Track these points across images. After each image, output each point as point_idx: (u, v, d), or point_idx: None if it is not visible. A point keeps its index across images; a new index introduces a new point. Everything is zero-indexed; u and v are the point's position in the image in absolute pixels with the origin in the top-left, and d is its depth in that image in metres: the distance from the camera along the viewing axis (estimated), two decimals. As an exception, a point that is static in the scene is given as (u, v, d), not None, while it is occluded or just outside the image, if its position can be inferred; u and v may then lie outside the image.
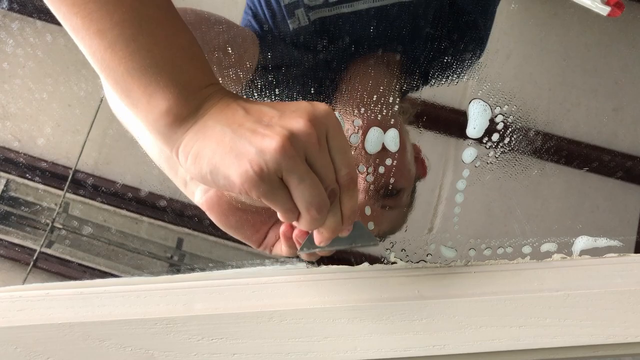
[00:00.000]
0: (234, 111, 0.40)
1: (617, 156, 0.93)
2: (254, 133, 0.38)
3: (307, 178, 0.38)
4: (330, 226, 0.42)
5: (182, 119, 0.40)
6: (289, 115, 0.38)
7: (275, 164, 0.37)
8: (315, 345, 0.47)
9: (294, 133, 0.37)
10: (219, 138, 0.38)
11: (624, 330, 0.47)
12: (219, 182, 0.39)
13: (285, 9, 0.67)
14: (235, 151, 0.37)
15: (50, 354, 0.47)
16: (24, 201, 1.27)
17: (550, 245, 0.55)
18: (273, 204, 0.39)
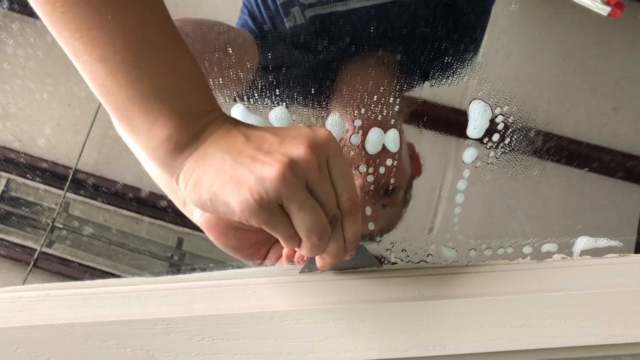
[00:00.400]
0: (235, 138, 0.39)
1: (617, 156, 0.93)
2: (254, 160, 0.37)
3: (308, 205, 0.38)
4: (333, 252, 0.42)
5: (183, 146, 0.39)
6: (289, 142, 0.38)
7: (275, 192, 0.36)
8: (316, 345, 0.47)
9: (294, 160, 0.37)
10: (219, 165, 0.38)
11: (624, 330, 0.47)
12: (219, 210, 0.39)
13: (281, 7, 0.67)
14: (235, 179, 0.37)
15: (51, 355, 0.47)
16: (24, 201, 1.27)
17: (550, 245, 0.55)
18: (274, 231, 0.39)
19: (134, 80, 0.38)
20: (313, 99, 0.66)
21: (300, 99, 0.66)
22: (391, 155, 0.63)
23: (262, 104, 0.65)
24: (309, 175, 0.38)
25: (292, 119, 0.63)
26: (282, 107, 0.63)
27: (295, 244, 0.40)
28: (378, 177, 0.63)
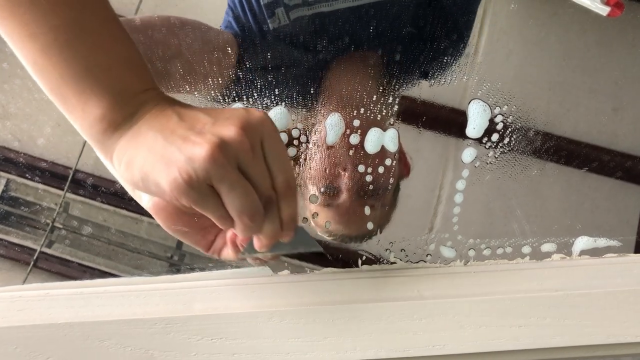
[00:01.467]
0: (168, 117, 0.40)
1: (617, 156, 0.93)
2: (185, 140, 0.37)
3: (238, 186, 0.38)
4: (268, 233, 0.42)
5: (117, 126, 0.40)
6: (221, 123, 0.38)
7: (204, 172, 0.37)
8: (315, 345, 0.47)
9: (225, 140, 0.37)
10: (151, 145, 0.38)
11: (623, 330, 0.47)
12: (151, 189, 0.39)
13: (265, 8, 0.67)
14: (165, 158, 0.37)
15: (50, 354, 0.47)
16: (24, 201, 1.27)
17: (550, 245, 0.55)
18: (205, 211, 0.39)
19: (66, 58, 0.38)
20: (298, 100, 0.66)
21: (286, 99, 0.66)
22: (378, 155, 0.63)
23: (246, 103, 0.65)
24: (240, 156, 0.38)
25: (292, 119, 0.63)
26: (281, 107, 0.63)
27: (228, 224, 0.40)
28: (359, 177, 0.63)
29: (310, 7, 0.67)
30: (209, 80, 0.65)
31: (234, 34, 0.70)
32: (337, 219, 0.65)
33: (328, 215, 0.65)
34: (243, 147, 0.38)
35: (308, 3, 0.67)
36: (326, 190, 0.64)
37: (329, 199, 0.65)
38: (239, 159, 0.38)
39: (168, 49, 0.64)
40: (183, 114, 0.40)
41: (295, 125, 0.64)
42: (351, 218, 0.64)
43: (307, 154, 0.64)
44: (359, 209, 0.64)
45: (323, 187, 0.64)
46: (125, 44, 0.42)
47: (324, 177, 0.64)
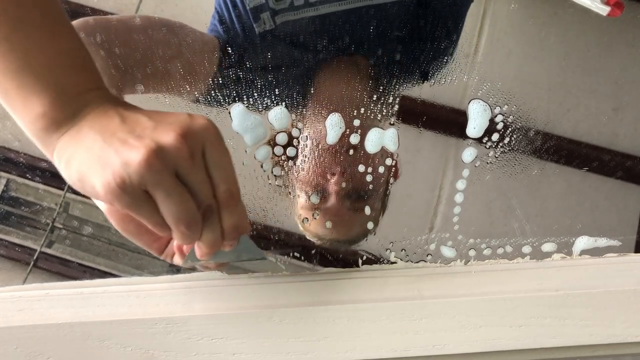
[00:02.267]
0: (110, 119, 0.39)
1: (617, 156, 0.93)
2: (123, 143, 0.37)
3: (174, 193, 0.37)
4: (208, 241, 0.42)
5: (58, 124, 0.39)
6: (162, 128, 0.38)
7: (138, 177, 0.36)
8: (315, 345, 0.47)
9: (162, 146, 0.36)
10: (90, 146, 0.38)
11: (624, 330, 0.47)
12: (87, 190, 0.38)
13: (251, 12, 0.67)
14: (101, 160, 0.37)
15: (51, 354, 0.47)
16: (24, 201, 1.27)
17: (550, 245, 0.55)
18: (139, 217, 0.39)
19: (5, 52, 0.38)
20: (281, 102, 0.66)
21: (267, 102, 0.66)
22: (366, 158, 0.63)
23: (225, 105, 0.65)
24: (178, 163, 0.37)
25: (292, 118, 0.63)
26: (281, 107, 0.63)
27: (165, 231, 0.40)
28: (348, 180, 0.63)
29: (297, 11, 0.67)
30: (190, 82, 0.65)
31: (218, 37, 0.70)
32: (325, 223, 0.64)
33: (316, 220, 0.65)
34: (181, 154, 0.37)
35: (294, 7, 0.67)
36: (315, 195, 0.64)
37: (317, 203, 0.64)
38: (177, 165, 0.37)
39: (148, 50, 0.64)
40: (126, 116, 0.39)
41: (276, 131, 0.63)
42: (340, 222, 0.64)
43: (296, 158, 0.64)
44: (348, 213, 0.64)
45: (311, 192, 0.64)
46: (70, 41, 0.41)
47: (313, 181, 0.64)
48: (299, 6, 0.67)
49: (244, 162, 0.61)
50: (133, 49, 0.63)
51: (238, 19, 0.68)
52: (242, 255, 0.47)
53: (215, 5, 0.72)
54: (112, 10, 1.01)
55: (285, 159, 0.63)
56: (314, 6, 0.67)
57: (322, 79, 0.69)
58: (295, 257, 0.64)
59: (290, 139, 0.63)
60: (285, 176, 0.64)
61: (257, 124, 0.61)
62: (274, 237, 0.66)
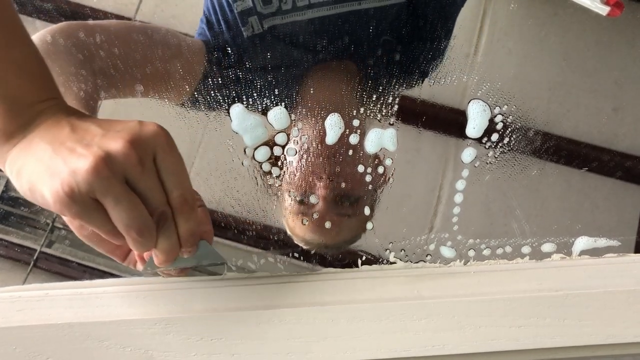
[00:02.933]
0: (61, 128, 0.39)
1: (616, 156, 0.93)
2: (72, 152, 0.37)
3: (124, 200, 0.37)
4: (164, 248, 0.41)
5: (9, 135, 0.39)
6: (110, 136, 0.38)
7: (86, 185, 0.36)
8: (315, 345, 0.47)
9: (110, 154, 0.36)
10: (40, 156, 0.38)
11: (623, 330, 0.47)
12: (38, 200, 0.38)
13: (239, 16, 0.67)
14: (50, 170, 0.37)
15: (50, 354, 0.47)
16: (24, 201, 1.27)
17: (549, 245, 0.55)
18: (90, 225, 0.38)
19: None
20: (268, 106, 0.66)
21: (254, 105, 0.66)
22: (353, 163, 0.63)
23: (215, 108, 0.65)
24: (127, 170, 0.37)
25: (292, 118, 0.63)
26: (281, 107, 0.63)
27: (117, 239, 0.40)
28: (340, 185, 0.63)
29: (284, 15, 0.67)
30: (175, 87, 0.65)
31: (205, 41, 0.70)
32: (312, 227, 0.64)
33: (305, 225, 0.65)
34: (130, 161, 0.37)
35: (282, 12, 0.67)
36: (302, 199, 0.64)
37: (304, 208, 0.64)
38: (126, 172, 0.37)
39: (134, 57, 0.64)
40: (76, 125, 0.39)
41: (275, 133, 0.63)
42: (327, 228, 0.64)
43: (283, 163, 0.64)
44: (336, 217, 0.64)
45: (299, 196, 0.64)
46: (24, 51, 0.40)
47: (299, 185, 0.64)
48: (287, 10, 0.67)
49: (244, 163, 0.61)
50: (117, 55, 0.63)
51: (226, 23, 0.68)
52: (203, 260, 0.47)
53: (204, 8, 0.72)
54: (112, 11, 1.01)
55: (272, 164, 0.63)
56: (302, 10, 0.67)
57: (309, 83, 0.69)
58: (295, 257, 0.64)
59: (274, 146, 0.63)
60: (274, 178, 0.64)
61: (256, 124, 0.61)
62: (274, 237, 0.66)
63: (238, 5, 0.67)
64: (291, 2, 0.66)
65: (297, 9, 0.67)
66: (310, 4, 0.66)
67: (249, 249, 0.62)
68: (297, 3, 0.66)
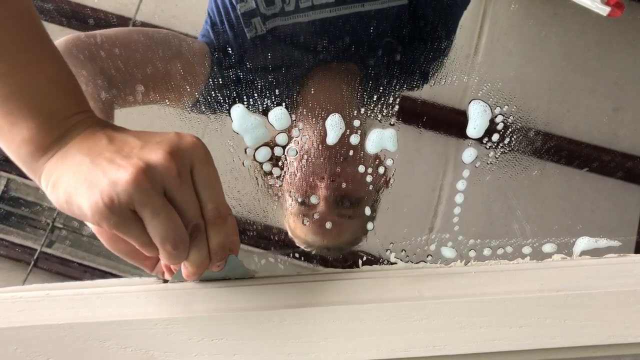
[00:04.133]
0: (97, 140, 0.39)
1: (617, 156, 0.93)
2: (111, 163, 0.37)
3: (162, 212, 0.37)
4: (195, 261, 0.41)
5: (45, 148, 0.39)
6: (150, 147, 0.37)
7: (126, 196, 0.35)
8: (316, 345, 0.47)
9: (151, 165, 0.36)
10: (77, 168, 0.37)
11: (624, 330, 0.47)
12: (75, 212, 0.38)
13: (242, 17, 0.67)
14: (89, 181, 0.36)
15: (51, 355, 0.47)
16: (24, 201, 1.27)
17: (550, 245, 0.55)
18: (126, 236, 0.38)
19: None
20: (271, 106, 0.66)
21: (258, 106, 0.66)
22: (354, 165, 0.63)
23: (218, 110, 0.65)
24: (166, 182, 0.37)
25: (292, 118, 0.63)
26: (281, 108, 0.63)
27: (152, 251, 0.39)
28: (341, 187, 0.63)
29: (287, 17, 0.68)
30: (181, 91, 0.65)
31: (209, 42, 0.70)
32: (314, 229, 0.64)
33: (306, 226, 0.65)
34: (169, 173, 0.37)
35: (285, 13, 0.67)
36: (303, 200, 0.64)
37: (305, 209, 0.64)
38: (165, 184, 0.37)
39: (142, 64, 0.64)
40: (113, 137, 0.39)
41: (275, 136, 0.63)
42: (328, 229, 0.64)
43: (283, 164, 0.64)
44: (338, 219, 0.64)
45: (300, 197, 0.64)
46: (56, 65, 0.41)
47: (301, 186, 0.64)
48: (290, 12, 0.67)
49: (244, 163, 0.61)
50: (123, 62, 0.64)
51: (229, 23, 0.69)
52: (230, 274, 0.47)
53: (208, 9, 0.72)
54: (112, 11, 1.01)
55: (273, 164, 0.63)
56: (304, 12, 0.67)
57: (310, 83, 0.69)
58: (295, 257, 0.64)
59: (275, 146, 0.63)
60: (275, 179, 0.64)
61: (257, 125, 0.61)
62: (274, 237, 0.66)
63: (241, 7, 0.67)
64: (294, 4, 0.66)
65: (299, 10, 0.67)
66: (313, 5, 0.66)
67: (250, 249, 0.62)
68: (300, 4, 0.66)
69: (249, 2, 0.66)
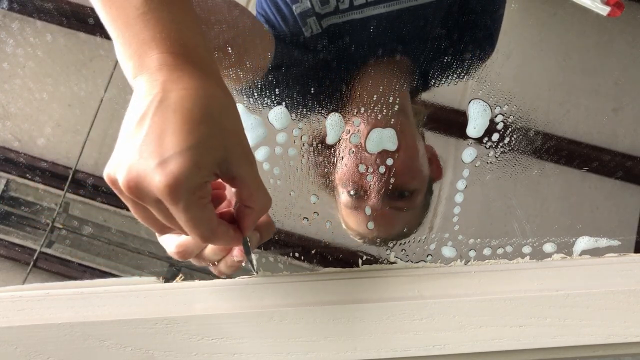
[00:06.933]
0: (188, 110, 0.38)
1: (616, 156, 0.93)
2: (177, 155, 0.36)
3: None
4: None
5: (167, 59, 0.39)
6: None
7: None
8: (315, 345, 0.47)
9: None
10: (153, 121, 0.37)
11: (624, 330, 0.47)
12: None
13: (299, 17, 0.68)
14: (142, 152, 0.36)
15: (50, 354, 0.47)
16: (24, 201, 1.27)
17: (550, 245, 0.55)
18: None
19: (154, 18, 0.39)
20: (331, 104, 0.67)
21: (312, 102, 0.66)
22: (406, 157, 0.63)
23: (263, 104, 0.65)
24: None
25: (292, 118, 0.63)
26: (281, 107, 0.63)
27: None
28: (394, 179, 0.63)
29: (342, 15, 0.68)
30: (247, 67, 0.65)
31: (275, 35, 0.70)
32: (367, 221, 0.64)
33: (358, 219, 0.65)
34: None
35: (339, 11, 0.68)
36: (356, 193, 0.64)
37: (357, 202, 0.65)
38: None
39: (216, 26, 0.63)
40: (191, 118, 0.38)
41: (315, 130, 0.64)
42: (382, 221, 0.64)
43: (337, 157, 0.64)
44: (389, 211, 0.64)
45: (352, 190, 0.64)
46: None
47: (354, 180, 0.64)
48: (344, 10, 0.68)
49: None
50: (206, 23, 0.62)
51: (284, 22, 0.69)
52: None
53: (257, 8, 0.72)
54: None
55: (326, 159, 0.63)
56: (359, 9, 0.67)
57: (365, 79, 0.70)
58: (295, 257, 0.64)
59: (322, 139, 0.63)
60: (328, 173, 0.65)
61: (257, 124, 0.61)
62: (274, 237, 0.66)
63: (297, 7, 0.67)
64: (348, 2, 0.67)
65: (354, 7, 0.67)
66: (367, 2, 0.67)
67: (249, 249, 0.62)
68: (354, 2, 0.67)
69: (304, 2, 0.67)
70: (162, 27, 0.39)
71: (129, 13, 0.39)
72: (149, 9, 0.39)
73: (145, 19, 0.39)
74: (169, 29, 0.39)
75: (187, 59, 0.39)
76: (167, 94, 0.37)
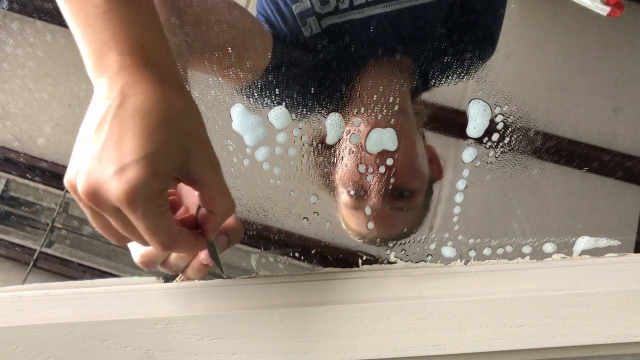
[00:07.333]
0: (147, 114, 0.38)
1: (616, 156, 0.94)
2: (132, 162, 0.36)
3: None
4: None
5: (125, 60, 0.38)
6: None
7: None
8: (316, 345, 0.47)
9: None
10: (111, 124, 0.37)
11: (624, 330, 0.47)
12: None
13: (298, 17, 0.68)
14: (100, 158, 0.36)
15: (51, 354, 0.47)
16: (24, 201, 1.27)
17: (550, 245, 0.55)
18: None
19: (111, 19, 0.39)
20: (325, 102, 0.67)
21: (318, 105, 0.66)
22: (407, 157, 0.63)
23: (263, 104, 0.65)
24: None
25: (292, 118, 0.63)
26: (281, 107, 0.63)
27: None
28: (394, 179, 0.63)
29: (342, 15, 0.68)
30: (245, 67, 0.65)
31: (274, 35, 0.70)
32: (367, 221, 0.65)
33: (358, 219, 0.65)
34: None
35: (339, 11, 0.68)
36: (356, 193, 0.64)
37: (358, 202, 0.65)
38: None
39: (217, 27, 0.63)
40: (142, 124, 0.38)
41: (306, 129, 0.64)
42: (382, 221, 0.64)
43: (338, 157, 0.64)
44: (390, 211, 0.64)
45: (353, 190, 0.64)
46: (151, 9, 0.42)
47: (354, 180, 0.64)
48: (344, 9, 0.68)
49: (245, 163, 0.61)
50: (205, 25, 0.62)
51: (284, 22, 0.69)
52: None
53: (257, 8, 0.72)
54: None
55: (327, 158, 0.63)
56: (359, 9, 0.67)
57: (365, 79, 0.70)
58: (295, 257, 0.64)
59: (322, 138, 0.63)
60: (328, 173, 0.65)
61: (257, 124, 0.61)
62: (274, 237, 0.66)
63: (297, 7, 0.67)
64: (348, 1, 0.67)
65: (353, 7, 0.67)
66: (367, 2, 0.67)
67: (250, 249, 0.62)
68: (354, 2, 0.67)
69: (304, 1, 0.67)
70: (122, 27, 0.39)
71: (89, 11, 0.39)
72: (109, 7, 0.39)
73: (105, 17, 0.39)
74: (129, 29, 0.39)
75: (146, 62, 0.39)
76: (125, 98, 0.37)
